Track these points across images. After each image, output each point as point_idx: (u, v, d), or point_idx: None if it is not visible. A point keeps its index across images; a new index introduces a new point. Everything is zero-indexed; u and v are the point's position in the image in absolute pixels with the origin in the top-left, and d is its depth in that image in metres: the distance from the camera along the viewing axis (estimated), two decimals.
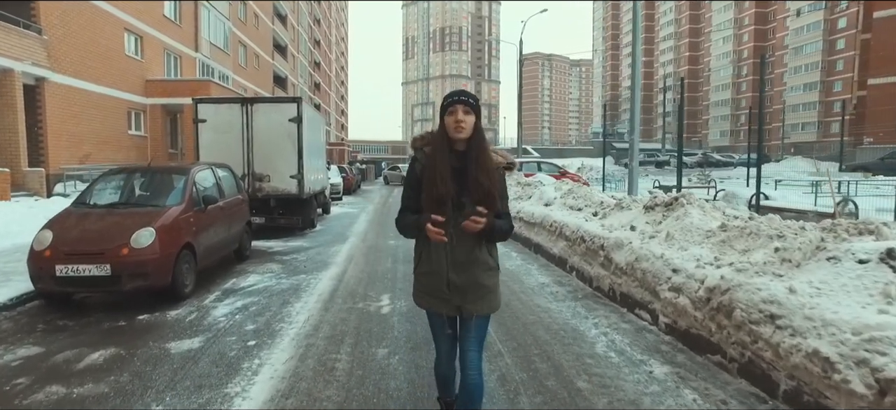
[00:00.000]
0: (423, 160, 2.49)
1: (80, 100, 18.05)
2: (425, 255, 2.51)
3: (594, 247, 6.59)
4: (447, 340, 2.60)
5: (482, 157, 2.42)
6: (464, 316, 2.50)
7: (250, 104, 10.80)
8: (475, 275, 2.47)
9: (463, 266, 2.45)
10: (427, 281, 2.52)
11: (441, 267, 2.46)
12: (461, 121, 2.38)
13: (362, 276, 7.23)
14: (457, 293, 2.46)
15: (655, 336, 4.67)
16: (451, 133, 2.41)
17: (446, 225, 2.34)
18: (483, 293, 2.50)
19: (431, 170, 2.41)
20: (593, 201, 9.27)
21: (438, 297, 2.50)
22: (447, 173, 2.38)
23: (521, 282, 6.86)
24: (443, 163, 2.40)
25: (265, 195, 10.95)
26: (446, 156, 2.42)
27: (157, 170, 6.89)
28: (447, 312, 2.52)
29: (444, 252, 2.43)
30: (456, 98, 2.42)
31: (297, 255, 8.99)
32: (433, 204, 2.38)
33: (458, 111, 2.39)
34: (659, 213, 6.39)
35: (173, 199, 6.35)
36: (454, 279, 2.45)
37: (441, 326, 2.57)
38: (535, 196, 11.13)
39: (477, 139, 2.43)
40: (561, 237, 7.97)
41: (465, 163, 2.41)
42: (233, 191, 8.27)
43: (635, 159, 8.67)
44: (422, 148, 2.54)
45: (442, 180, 2.37)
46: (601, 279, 6.20)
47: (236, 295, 6.22)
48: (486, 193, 2.37)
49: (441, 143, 2.44)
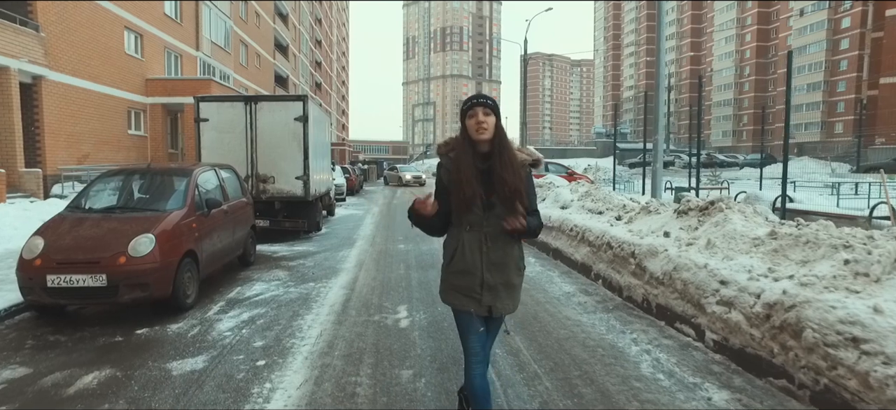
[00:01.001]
0: (449, 165, 2.51)
1: (78, 99, 17.64)
2: (459, 254, 2.50)
3: (623, 255, 6.18)
4: (477, 338, 2.55)
5: (506, 155, 2.43)
6: (493, 315, 2.52)
7: (254, 102, 10.39)
8: (508, 275, 2.51)
9: (498, 266, 2.47)
10: (459, 280, 2.51)
11: (476, 267, 2.46)
12: (482, 121, 2.40)
13: (375, 284, 6.82)
14: (489, 292, 2.48)
15: (703, 354, 4.26)
16: (473, 135, 2.42)
17: (478, 225, 2.45)
18: (512, 292, 2.55)
19: (457, 174, 2.43)
20: (614, 204, 8.86)
21: (470, 296, 2.49)
22: (473, 175, 2.41)
23: (544, 291, 6.44)
24: (468, 166, 2.42)
25: (269, 197, 10.53)
26: (471, 158, 2.43)
27: (157, 171, 6.48)
28: (477, 311, 2.50)
29: (480, 251, 2.46)
30: (475, 101, 2.45)
31: (304, 261, 8.58)
32: (462, 206, 2.43)
33: (479, 113, 2.41)
34: (693, 218, 5.97)
35: (175, 203, 5.93)
36: (488, 279, 2.46)
37: (469, 323, 2.54)
38: (550, 198, 10.72)
39: (499, 138, 2.45)
40: (583, 242, 7.56)
41: (490, 163, 2.43)
42: (237, 193, 7.86)
43: (659, 161, 8.25)
44: (447, 153, 2.55)
45: (468, 182, 2.40)
46: (633, 288, 5.78)
47: (242, 306, 5.81)
48: (514, 190, 2.40)
49: (465, 146, 2.46)
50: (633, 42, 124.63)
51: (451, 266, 2.54)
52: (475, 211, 2.43)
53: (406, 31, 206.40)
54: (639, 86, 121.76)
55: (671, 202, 7.37)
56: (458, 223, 2.52)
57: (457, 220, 2.52)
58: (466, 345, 2.57)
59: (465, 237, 2.49)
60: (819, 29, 78.01)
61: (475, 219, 2.45)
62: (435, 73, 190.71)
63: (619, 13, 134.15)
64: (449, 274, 2.56)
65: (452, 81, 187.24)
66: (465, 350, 2.59)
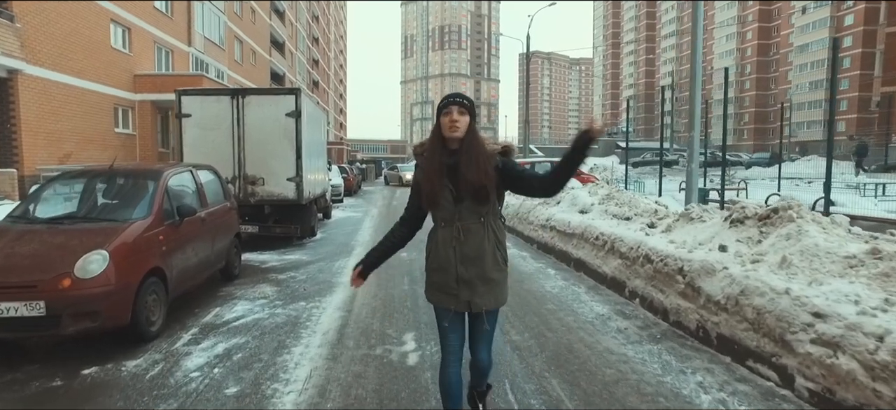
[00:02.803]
0: (421, 162, 2.55)
1: (59, 95, 16.67)
2: (434, 251, 2.54)
3: (668, 271, 5.26)
4: (456, 337, 2.57)
5: (472, 151, 2.43)
6: (473, 310, 2.50)
7: (241, 96, 9.44)
8: (483, 269, 2.48)
9: (471, 260, 2.47)
10: (437, 277, 2.53)
11: (449, 262, 2.48)
12: (456, 121, 2.42)
13: (376, 304, 5.89)
14: (465, 287, 2.47)
15: (797, 407, 3.35)
16: (445, 132, 2.44)
17: (451, 219, 2.46)
18: (491, 286, 2.51)
19: (427, 170, 2.49)
20: (642, 208, 7.95)
21: (448, 293, 2.50)
22: (439, 170, 2.44)
23: (574, 313, 5.52)
24: (435, 162, 2.46)
25: (259, 200, 9.59)
26: (439, 154, 2.46)
27: (120, 173, 5.51)
28: (456, 308, 2.51)
29: (452, 247, 2.47)
30: (451, 99, 2.48)
31: (295, 273, 7.65)
32: (429, 201, 2.49)
33: (453, 112, 2.43)
34: (751, 229, 5.06)
35: (139, 211, 4.99)
36: (462, 273, 2.47)
37: (444, 318, 2.55)
38: (567, 201, 9.80)
39: (469, 138, 2.45)
40: (613, 253, 6.64)
41: (456, 159, 2.44)
42: (218, 198, 6.93)
43: (695, 160, 7.30)
44: (422, 153, 2.57)
45: (433, 177, 2.44)
46: (683, 312, 4.86)
47: (218, 334, 4.88)
48: (477, 189, 2.40)
49: (435, 142, 2.49)
50: (633, 40, 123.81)
51: (428, 263, 2.58)
52: (445, 205, 2.45)
53: (404, 29, 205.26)
54: (638, 84, 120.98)
55: (712, 208, 6.46)
56: (433, 219, 2.56)
57: (433, 217, 2.56)
58: (444, 342, 2.58)
59: (439, 233, 2.52)
60: (821, 26, 77.27)
61: (447, 214, 2.47)
62: (433, 72, 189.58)
63: (619, 11, 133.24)
64: (428, 272, 2.58)
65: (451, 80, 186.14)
66: (442, 346, 2.59)
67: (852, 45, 72.30)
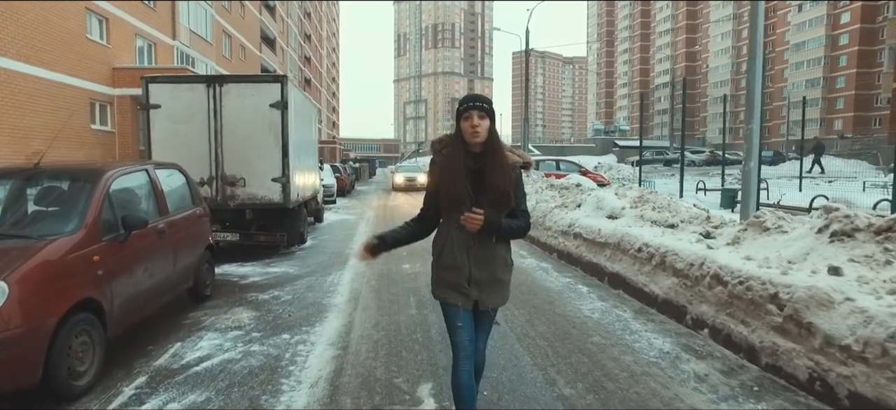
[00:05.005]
0: (441, 162, 2.54)
1: (26, 87, 15.34)
2: (448, 250, 2.54)
3: (753, 297, 4.10)
4: (466, 333, 2.57)
5: (498, 159, 2.48)
6: (480, 308, 2.56)
7: (219, 84, 8.19)
8: (495, 271, 2.55)
9: (484, 263, 2.52)
10: (448, 276, 2.55)
11: (464, 264, 2.51)
12: (477, 125, 2.43)
13: (379, 338, 4.69)
14: (476, 287, 2.52)
15: None
16: (467, 138, 2.46)
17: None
18: (499, 287, 2.59)
19: (449, 172, 2.48)
20: (686, 214, 6.82)
21: (458, 291, 2.53)
22: (463, 174, 2.45)
23: (630, 349, 4.35)
24: (459, 165, 2.47)
25: (239, 204, 8.36)
26: (463, 157, 2.48)
27: (47, 173, 4.27)
28: (464, 305, 2.54)
29: (467, 248, 2.50)
30: (471, 103, 2.47)
31: (280, 291, 6.43)
32: (451, 204, 2.49)
33: (474, 116, 2.43)
34: (868, 245, 3.93)
35: (64, 225, 3.77)
36: (476, 274, 2.51)
37: (457, 317, 2.56)
38: (590, 204, 8.64)
39: (492, 142, 2.49)
40: (664, 269, 5.48)
41: (481, 164, 2.47)
42: (184, 203, 5.70)
43: (754, 159, 6.12)
44: (440, 150, 2.58)
45: (458, 181, 2.45)
46: (784, 355, 3.70)
47: (171, 387, 3.67)
48: (503, 194, 2.47)
49: (457, 146, 2.50)
50: (628, 38, 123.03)
51: (440, 261, 2.59)
52: (463, 210, 2.43)
53: (397, 28, 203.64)
54: (633, 82, 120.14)
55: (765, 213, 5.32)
56: (447, 219, 2.57)
57: (446, 217, 2.57)
58: (454, 340, 2.59)
59: (453, 234, 2.52)
60: (818, 24, 76.80)
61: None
62: (426, 71, 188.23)
63: (613, 10, 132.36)
64: (439, 269, 2.59)
65: (444, 79, 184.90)
66: (453, 345, 2.60)
67: (849, 42, 71.86)
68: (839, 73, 74.81)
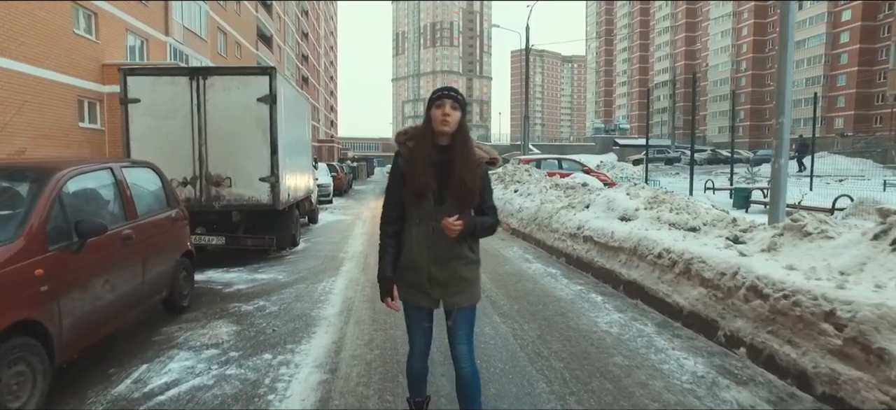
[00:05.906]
0: (406, 154, 2.48)
1: (8, 84, 14.75)
2: (407, 248, 2.48)
3: (801, 314, 3.56)
4: (423, 334, 2.58)
5: (467, 153, 2.42)
6: (447, 309, 2.50)
7: (202, 77, 7.62)
8: (455, 269, 2.46)
9: (444, 261, 2.45)
10: (409, 276, 2.49)
11: (422, 262, 2.44)
12: (448, 114, 2.38)
13: (372, 358, 4.14)
14: (437, 286, 2.46)
15: None
16: (436, 126, 2.40)
17: (428, 218, 2.42)
18: (464, 286, 2.50)
19: (414, 163, 2.41)
20: (708, 216, 6.28)
21: (419, 290, 2.48)
22: (429, 166, 2.39)
23: (658, 372, 3.80)
24: (425, 156, 2.40)
25: (225, 206, 7.80)
26: (429, 148, 2.41)
27: None
28: (427, 305, 2.51)
29: (426, 246, 2.44)
30: (444, 92, 2.44)
31: (265, 302, 5.87)
32: (414, 197, 2.42)
33: (446, 105, 2.39)
34: None
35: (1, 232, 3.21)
36: (435, 273, 2.45)
37: (418, 319, 2.55)
38: (599, 204, 8.10)
39: (461, 135, 2.44)
40: (689, 278, 4.93)
41: (447, 157, 2.41)
42: (158, 204, 5.15)
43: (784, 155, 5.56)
44: (405, 142, 2.52)
45: (421, 174, 2.38)
46: (846, 385, 3.15)
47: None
48: (469, 191, 2.40)
49: (425, 136, 2.44)
50: (627, 36, 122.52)
51: (400, 260, 2.51)
52: (426, 204, 2.40)
53: (395, 26, 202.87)
54: (632, 81, 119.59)
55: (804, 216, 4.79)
56: (408, 216, 2.49)
57: (408, 213, 2.48)
58: (411, 338, 2.60)
59: (413, 232, 2.46)
60: (819, 22, 76.40)
61: (425, 213, 2.43)
62: (425, 70, 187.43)
63: (612, 8, 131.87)
64: (400, 269, 2.51)
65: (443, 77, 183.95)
66: (410, 341, 2.60)
67: (849, 40, 71.46)
68: (840, 71, 74.43)
